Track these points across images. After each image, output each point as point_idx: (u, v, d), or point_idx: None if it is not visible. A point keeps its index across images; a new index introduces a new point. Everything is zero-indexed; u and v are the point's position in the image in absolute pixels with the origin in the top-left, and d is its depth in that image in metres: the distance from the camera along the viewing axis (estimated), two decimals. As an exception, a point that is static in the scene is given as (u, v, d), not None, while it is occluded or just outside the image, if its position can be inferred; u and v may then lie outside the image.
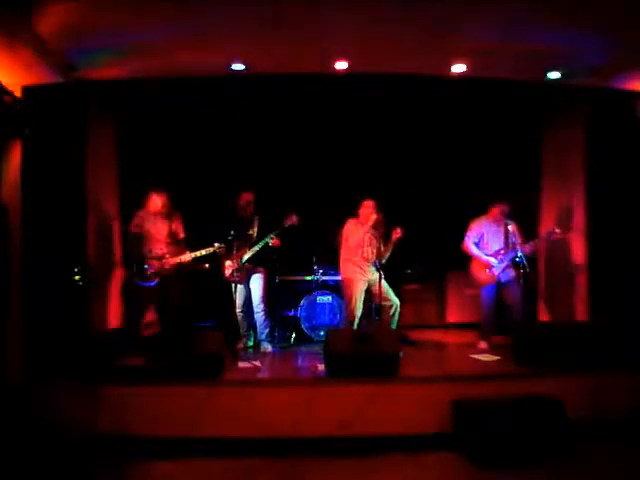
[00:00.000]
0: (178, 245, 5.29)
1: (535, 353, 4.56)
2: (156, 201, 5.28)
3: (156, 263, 5.18)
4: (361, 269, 5.50)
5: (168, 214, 5.32)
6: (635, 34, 4.21)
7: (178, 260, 5.21)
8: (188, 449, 3.89)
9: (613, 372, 4.37)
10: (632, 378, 4.35)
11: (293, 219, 5.53)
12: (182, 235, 5.37)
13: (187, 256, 5.22)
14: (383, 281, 5.36)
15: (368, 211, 5.50)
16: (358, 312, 5.48)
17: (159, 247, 5.24)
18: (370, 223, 5.45)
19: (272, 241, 5.50)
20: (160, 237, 5.26)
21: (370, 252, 5.52)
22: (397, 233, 5.40)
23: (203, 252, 5.25)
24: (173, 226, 5.32)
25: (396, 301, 5.45)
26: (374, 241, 5.57)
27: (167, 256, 5.19)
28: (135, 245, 5.22)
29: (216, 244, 5.25)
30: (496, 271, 5.54)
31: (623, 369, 4.41)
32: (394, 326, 5.41)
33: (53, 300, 4.63)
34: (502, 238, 5.61)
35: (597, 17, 4.07)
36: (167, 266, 5.19)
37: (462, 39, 4.48)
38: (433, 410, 4.06)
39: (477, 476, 3.59)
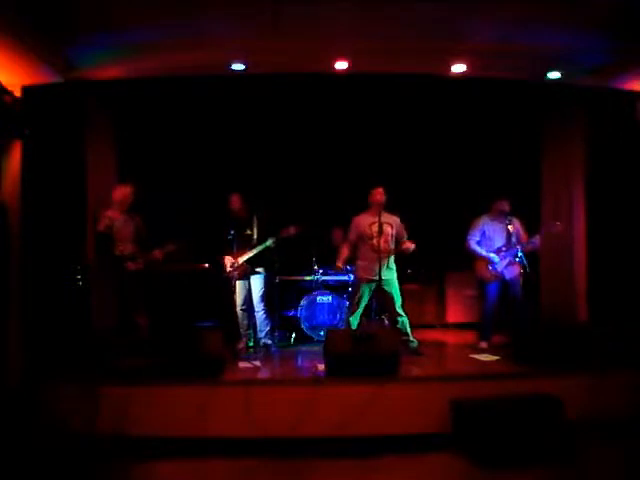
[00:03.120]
0: (142, 244, 5.25)
1: (535, 353, 4.56)
2: (122, 192, 5.22)
3: (132, 264, 5.13)
4: (369, 266, 5.28)
5: (132, 215, 5.27)
6: (635, 34, 4.21)
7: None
8: (188, 449, 3.89)
9: (613, 372, 4.37)
10: (632, 378, 4.35)
11: (290, 231, 5.52)
12: (144, 233, 5.32)
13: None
14: (394, 289, 5.29)
15: (376, 201, 5.32)
16: (357, 313, 5.44)
17: (129, 247, 5.17)
18: (377, 209, 5.27)
19: (273, 241, 5.49)
20: (128, 236, 5.19)
21: (383, 241, 5.23)
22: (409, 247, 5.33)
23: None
24: (137, 225, 5.27)
25: (400, 311, 5.31)
26: (387, 229, 5.32)
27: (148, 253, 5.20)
28: (107, 246, 5.13)
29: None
30: (499, 267, 5.55)
31: (623, 369, 4.42)
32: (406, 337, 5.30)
33: (53, 300, 4.64)
34: (504, 235, 5.62)
35: (597, 17, 4.07)
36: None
37: (462, 39, 4.47)
38: (433, 410, 4.06)
39: (477, 476, 3.59)
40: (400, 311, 5.34)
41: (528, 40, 4.45)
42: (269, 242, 5.49)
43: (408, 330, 5.33)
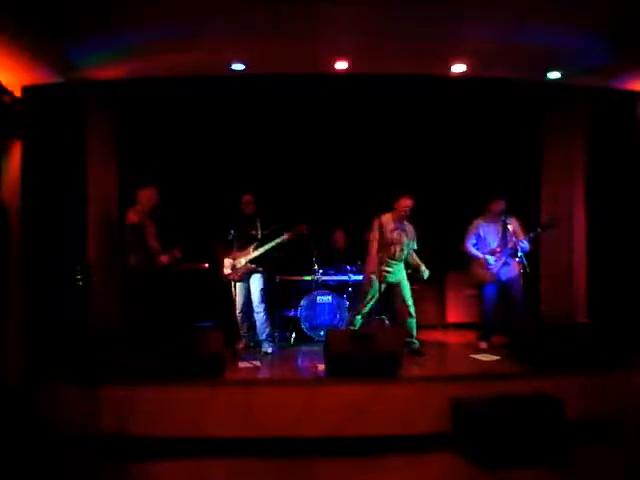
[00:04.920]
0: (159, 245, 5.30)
1: (535, 353, 4.56)
2: (149, 194, 5.25)
3: (165, 258, 5.18)
4: (382, 268, 5.25)
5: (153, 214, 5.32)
6: (635, 34, 4.21)
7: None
8: (188, 449, 3.90)
9: (613, 372, 4.37)
10: (631, 378, 4.35)
11: (302, 229, 5.53)
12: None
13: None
14: (405, 291, 5.34)
15: (405, 209, 5.35)
16: (365, 310, 5.42)
17: (154, 244, 5.24)
18: (402, 216, 5.36)
19: (286, 237, 5.49)
20: (152, 235, 5.26)
21: (399, 250, 5.36)
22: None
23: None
24: (156, 226, 5.32)
25: (411, 311, 5.35)
26: (404, 238, 5.41)
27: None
28: (141, 237, 5.17)
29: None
30: (494, 269, 5.55)
31: (623, 369, 4.42)
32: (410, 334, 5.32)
33: (53, 300, 4.63)
34: (499, 236, 5.62)
35: (597, 17, 4.07)
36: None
37: (462, 39, 4.47)
38: (433, 410, 4.06)
39: (477, 476, 3.59)
40: (412, 311, 5.36)
41: (528, 40, 4.45)
42: (281, 239, 5.49)
43: (413, 332, 5.35)
